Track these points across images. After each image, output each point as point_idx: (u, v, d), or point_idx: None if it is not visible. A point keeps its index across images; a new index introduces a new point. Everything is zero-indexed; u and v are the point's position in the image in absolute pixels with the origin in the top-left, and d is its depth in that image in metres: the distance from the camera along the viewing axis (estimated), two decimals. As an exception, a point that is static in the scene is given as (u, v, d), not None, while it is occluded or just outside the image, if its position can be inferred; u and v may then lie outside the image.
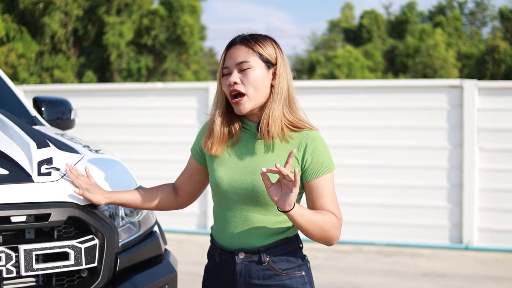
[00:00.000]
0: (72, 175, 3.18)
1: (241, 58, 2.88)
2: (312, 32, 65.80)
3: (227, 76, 2.91)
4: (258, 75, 2.88)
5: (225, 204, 2.96)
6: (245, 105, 2.88)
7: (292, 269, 2.94)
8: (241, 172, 2.91)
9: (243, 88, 2.87)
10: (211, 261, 3.06)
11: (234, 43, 2.94)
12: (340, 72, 31.72)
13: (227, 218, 2.95)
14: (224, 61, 2.94)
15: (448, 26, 34.43)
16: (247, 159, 2.92)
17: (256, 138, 2.94)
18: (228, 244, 2.96)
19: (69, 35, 25.37)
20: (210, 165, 3.02)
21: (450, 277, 7.99)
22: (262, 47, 2.92)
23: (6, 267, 2.98)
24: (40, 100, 5.07)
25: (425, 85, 9.99)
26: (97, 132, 10.93)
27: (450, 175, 9.56)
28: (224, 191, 2.93)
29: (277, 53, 2.96)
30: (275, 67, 2.94)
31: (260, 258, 2.91)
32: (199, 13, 29.00)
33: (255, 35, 2.97)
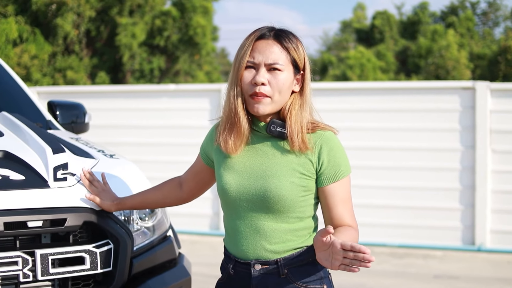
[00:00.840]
0: (85, 181, 3.21)
1: (273, 58, 2.66)
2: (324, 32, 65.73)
3: (250, 70, 2.68)
4: (287, 79, 2.68)
5: (234, 212, 2.76)
6: (266, 107, 2.67)
7: (313, 282, 2.72)
8: (250, 177, 2.71)
9: (269, 92, 2.66)
10: (224, 275, 2.86)
11: (265, 36, 2.71)
12: (352, 73, 31.67)
13: (238, 228, 2.74)
14: (250, 54, 2.69)
15: (461, 26, 34.36)
16: (256, 163, 2.72)
17: (265, 140, 2.74)
18: (242, 255, 2.74)
19: (81, 36, 25.45)
20: (217, 170, 2.83)
21: (463, 279, 7.99)
22: (295, 50, 2.71)
23: (23, 272, 3.03)
24: (54, 104, 5.11)
25: (437, 87, 9.98)
26: (110, 133, 10.98)
27: (463, 177, 9.55)
28: (233, 198, 2.73)
29: (305, 57, 2.76)
30: (302, 74, 2.75)
31: (278, 269, 2.69)
32: (211, 14, 29.02)
33: (288, 32, 2.75)
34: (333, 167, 2.70)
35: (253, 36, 2.70)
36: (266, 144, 2.73)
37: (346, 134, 9.70)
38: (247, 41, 2.70)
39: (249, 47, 2.68)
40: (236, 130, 2.70)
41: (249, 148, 2.75)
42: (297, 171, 2.67)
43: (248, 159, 2.74)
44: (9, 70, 5.17)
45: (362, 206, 9.77)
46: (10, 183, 3.14)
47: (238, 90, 2.69)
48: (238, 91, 2.68)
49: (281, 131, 2.69)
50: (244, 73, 2.68)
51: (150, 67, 27.12)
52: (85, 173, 3.24)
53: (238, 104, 2.68)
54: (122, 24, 25.35)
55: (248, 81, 2.66)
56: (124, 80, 26.79)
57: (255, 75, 2.66)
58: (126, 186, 3.48)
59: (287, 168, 2.67)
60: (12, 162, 3.33)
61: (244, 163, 2.73)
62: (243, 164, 2.73)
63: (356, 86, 11.11)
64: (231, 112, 2.70)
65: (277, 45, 2.67)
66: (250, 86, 2.66)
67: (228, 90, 2.73)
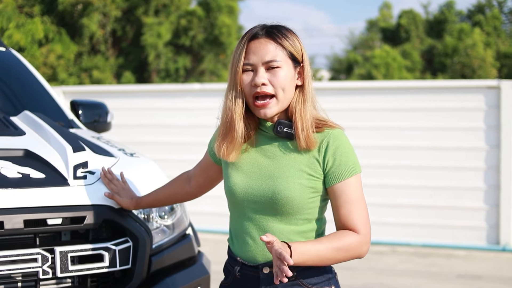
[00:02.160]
0: (105, 180, 3.24)
1: (270, 56, 2.57)
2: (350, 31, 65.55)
3: (248, 72, 2.60)
4: (288, 75, 2.59)
5: (242, 214, 2.71)
6: (272, 109, 2.59)
7: (322, 283, 2.65)
8: (258, 177, 2.64)
9: (272, 90, 2.57)
10: (229, 278, 2.79)
11: (258, 36, 2.62)
12: (377, 72, 31.54)
13: (246, 230, 2.69)
14: (245, 56, 2.60)
15: (487, 25, 34.10)
16: (264, 164, 2.65)
17: (273, 140, 2.67)
18: (250, 258, 2.68)
19: (107, 36, 25.59)
20: (224, 170, 2.78)
21: (486, 279, 7.95)
22: (291, 43, 2.62)
23: (43, 268, 3.06)
24: (77, 103, 5.16)
25: (462, 86, 9.92)
26: (135, 132, 11.04)
27: (487, 176, 9.49)
28: (240, 199, 2.67)
29: (303, 49, 2.67)
30: (302, 65, 2.66)
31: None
32: (236, 14, 29.05)
33: (280, 27, 2.66)
34: (339, 166, 2.60)
35: (246, 37, 2.63)
36: (274, 145, 2.66)
37: (370, 133, 9.71)
38: (240, 44, 2.63)
39: (243, 49, 2.60)
40: (230, 136, 2.64)
41: (257, 149, 2.69)
42: (305, 172, 2.60)
43: (256, 160, 2.68)
44: (32, 70, 5.23)
45: (386, 206, 9.75)
46: (30, 181, 3.18)
47: (237, 94, 2.62)
48: (237, 95, 2.62)
49: (288, 131, 2.62)
50: (243, 76, 2.61)
51: (175, 67, 27.19)
52: (105, 172, 3.27)
53: (235, 110, 2.61)
54: (148, 24, 25.45)
55: (248, 83, 2.59)
56: (150, 79, 26.89)
57: (254, 77, 2.59)
58: (145, 185, 3.51)
59: (295, 169, 2.60)
60: (33, 161, 3.38)
61: (252, 164, 2.68)
62: (251, 165, 2.68)
63: (380, 85, 11.07)
64: (226, 117, 2.64)
65: (270, 42, 2.60)
66: (251, 88, 2.59)
67: (225, 96, 2.67)
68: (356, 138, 9.67)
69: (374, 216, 9.77)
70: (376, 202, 9.84)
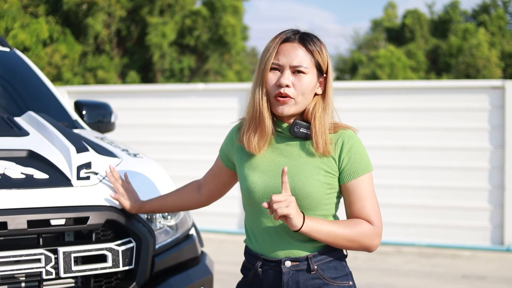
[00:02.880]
0: (112, 178, 3.24)
1: (298, 61, 2.70)
2: (355, 31, 65.43)
3: (275, 71, 2.73)
4: (311, 82, 2.73)
5: (260, 212, 2.77)
6: (290, 108, 2.72)
7: (341, 277, 2.78)
8: (276, 176, 2.73)
9: (293, 93, 2.70)
10: (249, 275, 2.86)
11: (290, 39, 2.75)
12: (382, 72, 31.50)
13: (265, 227, 2.78)
14: (275, 56, 2.73)
15: (492, 25, 34.01)
16: (282, 162, 2.75)
17: (289, 140, 2.78)
18: (271, 253, 2.77)
19: (112, 36, 25.62)
20: (240, 171, 2.86)
21: (490, 279, 7.94)
22: (320, 53, 2.75)
23: (46, 269, 3.07)
24: (81, 103, 5.17)
25: (466, 86, 9.91)
26: (139, 132, 11.05)
27: (492, 176, 9.49)
28: (259, 197, 2.75)
29: (329, 61, 2.80)
30: (325, 77, 2.80)
31: (308, 266, 2.72)
32: (241, 13, 29.06)
33: (312, 36, 2.78)
34: (354, 164, 2.73)
35: (279, 38, 2.74)
36: (290, 145, 2.77)
37: (375, 133, 9.70)
38: (272, 43, 2.74)
39: (274, 49, 2.72)
40: (260, 130, 2.74)
41: (273, 148, 2.79)
42: (322, 169, 2.72)
43: (272, 159, 2.77)
44: (36, 70, 5.24)
45: (391, 206, 9.75)
46: (34, 182, 3.19)
47: (264, 91, 2.73)
48: (264, 92, 2.73)
49: (304, 131, 2.74)
50: (269, 74, 2.72)
51: (180, 67, 27.21)
52: (111, 172, 3.27)
53: (263, 105, 2.72)
54: (153, 24, 25.47)
55: (273, 82, 2.71)
56: (155, 79, 26.92)
57: (279, 77, 2.70)
58: (148, 186, 3.52)
59: (312, 166, 2.72)
60: (37, 161, 3.38)
61: (269, 163, 2.77)
62: (268, 164, 2.77)
63: (384, 85, 11.08)
64: (255, 112, 2.74)
65: (302, 48, 2.72)
66: (274, 88, 2.71)
67: (253, 91, 2.77)
68: (360, 138, 9.66)
69: (378, 216, 9.81)
70: (380, 202, 9.73)
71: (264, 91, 2.72)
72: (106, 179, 3.37)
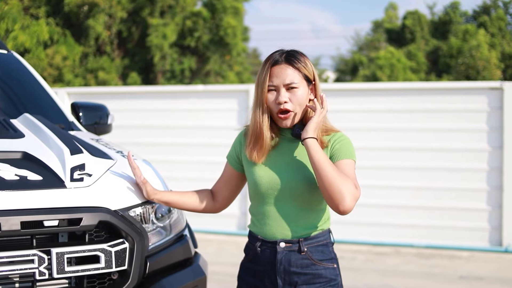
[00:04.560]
0: (133, 164, 3.38)
1: (289, 79, 3.17)
2: (356, 32, 65.40)
3: (272, 92, 3.20)
4: (304, 93, 3.20)
5: (265, 201, 3.24)
6: (292, 120, 3.20)
7: (326, 260, 3.24)
8: (279, 170, 3.21)
9: (292, 106, 3.17)
10: (250, 254, 3.33)
11: (278, 62, 3.21)
12: (382, 74, 31.49)
13: (268, 213, 3.24)
14: (269, 79, 3.19)
15: (492, 26, 33.92)
16: (284, 159, 3.23)
17: (290, 141, 3.27)
18: (270, 235, 3.24)
19: (113, 37, 25.66)
20: (248, 168, 3.32)
21: (488, 280, 7.96)
22: (305, 67, 3.22)
23: (39, 269, 3.09)
24: (78, 105, 5.19)
25: (465, 87, 9.93)
26: (139, 134, 11.08)
27: (490, 178, 9.51)
28: (265, 188, 3.22)
29: (314, 70, 3.27)
30: (313, 84, 3.27)
31: (299, 247, 3.19)
32: (241, 15, 29.07)
33: (295, 54, 3.25)
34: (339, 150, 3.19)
35: (268, 63, 3.22)
36: (292, 145, 3.27)
37: (372, 134, 9.73)
38: (264, 69, 3.22)
39: (267, 73, 3.20)
40: (259, 144, 3.22)
41: (278, 148, 3.27)
42: None
43: (276, 157, 3.25)
44: (34, 72, 5.26)
45: (389, 207, 9.78)
46: (27, 183, 3.21)
47: (264, 110, 3.21)
48: (264, 111, 3.21)
49: None
50: (268, 95, 3.21)
51: (181, 68, 27.23)
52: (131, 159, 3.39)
53: (263, 122, 3.21)
54: (153, 25, 25.50)
55: (273, 101, 3.19)
56: (155, 80, 26.94)
57: (277, 96, 3.18)
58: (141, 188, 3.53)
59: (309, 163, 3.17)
60: (31, 163, 3.41)
61: (274, 161, 3.24)
62: (273, 161, 3.25)
63: (382, 86, 11.11)
64: (256, 129, 3.23)
65: (289, 67, 3.20)
66: (275, 105, 3.19)
67: (254, 110, 3.25)
68: (359, 139, 9.69)
69: (377, 217, 9.84)
70: (379, 203, 9.87)
71: (264, 110, 3.21)
72: (99, 181, 3.40)
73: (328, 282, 3.22)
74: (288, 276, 3.20)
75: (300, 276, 3.19)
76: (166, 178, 10.40)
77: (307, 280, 3.20)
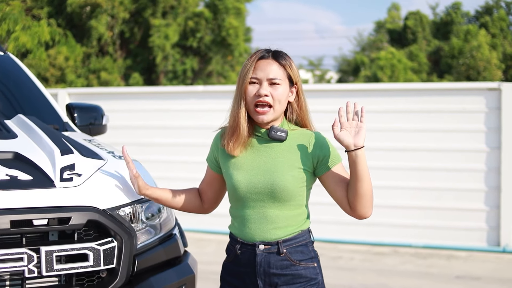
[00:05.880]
0: (127, 158, 3.38)
1: (273, 74, 3.19)
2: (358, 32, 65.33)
3: (254, 85, 3.21)
4: (285, 91, 3.22)
5: (244, 204, 3.24)
6: (269, 116, 3.19)
7: (306, 260, 3.25)
8: (257, 173, 3.21)
9: (271, 101, 3.18)
10: (231, 255, 3.33)
11: (265, 57, 3.23)
12: (383, 74, 31.47)
13: (246, 216, 3.24)
14: (253, 71, 3.21)
15: (493, 27, 33.89)
16: (262, 161, 3.23)
17: (267, 142, 3.26)
18: (249, 238, 3.24)
19: (115, 38, 25.70)
20: (226, 171, 3.30)
21: (485, 280, 7.99)
22: (290, 67, 3.25)
23: (28, 267, 3.15)
24: (72, 106, 5.24)
25: (463, 88, 9.96)
26: (139, 134, 11.11)
27: (488, 178, 9.53)
28: (243, 192, 3.22)
29: (297, 73, 3.30)
30: (296, 86, 3.29)
31: (278, 249, 3.20)
32: (244, 15, 29.07)
33: (282, 53, 3.27)
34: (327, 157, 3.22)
35: (255, 56, 3.24)
36: (268, 147, 3.26)
37: (373, 135, 9.75)
38: (249, 61, 3.24)
39: (251, 65, 3.21)
40: (236, 135, 3.22)
41: (254, 150, 3.27)
42: (296, 167, 3.20)
43: (253, 159, 3.25)
44: (29, 74, 5.31)
45: (388, 206, 9.81)
46: (17, 183, 3.27)
47: (242, 101, 3.20)
48: (242, 102, 3.20)
49: (280, 135, 3.23)
50: (249, 87, 3.21)
51: (183, 68, 27.25)
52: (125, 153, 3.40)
53: (241, 114, 3.20)
54: (155, 26, 25.53)
55: (253, 93, 3.20)
56: (158, 81, 26.98)
57: (259, 89, 3.19)
58: (131, 187, 3.58)
59: (287, 164, 3.20)
60: (21, 163, 3.47)
61: (251, 163, 3.24)
62: (250, 164, 3.24)
63: (381, 87, 11.12)
64: (234, 120, 3.23)
65: (275, 63, 3.23)
66: (254, 98, 3.19)
67: (233, 102, 3.26)
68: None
69: (375, 217, 9.85)
70: (377, 203, 9.85)
71: (243, 103, 3.21)
72: (89, 181, 3.45)
73: (308, 281, 3.24)
74: (268, 278, 3.22)
75: (280, 277, 3.21)
76: (166, 179, 10.48)
77: (287, 281, 3.21)
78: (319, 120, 10.17)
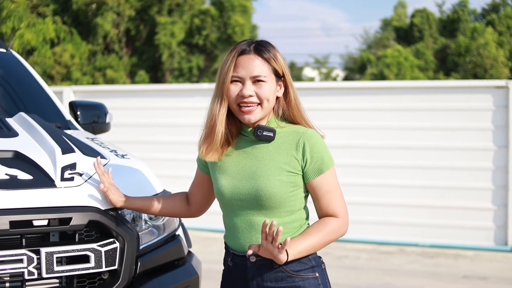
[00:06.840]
0: (99, 170, 3.21)
1: (257, 72, 2.87)
2: (364, 30, 65.22)
3: (236, 83, 2.88)
4: (271, 88, 2.90)
5: (231, 211, 2.97)
6: (256, 115, 2.89)
7: (305, 270, 2.91)
8: (242, 178, 2.92)
9: (257, 100, 2.87)
10: (225, 267, 3.09)
11: (246, 51, 2.90)
12: (389, 72, 31.41)
13: (235, 224, 2.95)
14: (234, 69, 2.87)
15: (500, 24, 33.75)
16: (247, 165, 2.93)
17: (254, 143, 2.96)
18: (239, 248, 2.96)
19: (121, 35, 25.70)
20: (212, 175, 3.04)
21: (492, 279, 7.92)
22: (275, 60, 2.92)
23: (28, 269, 3.08)
24: (76, 104, 5.19)
25: (470, 86, 9.88)
26: (145, 132, 11.07)
27: (495, 177, 9.46)
28: (228, 198, 2.94)
29: (284, 64, 2.96)
30: (283, 79, 2.96)
31: (271, 261, 2.86)
32: (250, 13, 29.08)
33: (265, 44, 2.95)
34: (316, 162, 2.89)
35: (235, 51, 2.90)
36: (255, 147, 2.95)
37: (379, 133, 9.70)
38: (229, 57, 2.90)
39: (232, 62, 2.88)
40: (210, 138, 2.93)
41: (240, 152, 2.98)
42: (285, 170, 2.88)
43: (239, 162, 2.95)
44: (32, 71, 5.26)
45: (394, 206, 9.75)
46: (17, 183, 3.21)
47: (222, 102, 2.89)
48: (222, 103, 2.89)
49: (267, 134, 2.92)
50: (230, 86, 2.89)
51: (189, 66, 27.25)
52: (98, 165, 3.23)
53: (218, 116, 2.89)
54: (161, 23, 25.52)
55: (235, 94, 2.87)
56: (163, 79, 26.97)
57: (241, 88, 2.87)
58: (134, 186, 3.53)
59: (275, 167, 2.88)
60: (22, 162, 3.40)
61: (236, 166, 2.95)
62: (235, 167, 2.95)
63: (388, 85, 11.05)
64: (210, 122, 2.93)
65: (258, 58, 2.89)
66: (237, 98, 2.87)
67: (212, 102, 2.94)
68: (364, 138, 9.67)
69: (382, 216, 9.81)
70: (384, 202, 9.83)
71: (223, 103, 2.89)
72: (90, 180, 3.37)
73: None
74: None
75: None
76: (171, 176, 10.42)
77: None
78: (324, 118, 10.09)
